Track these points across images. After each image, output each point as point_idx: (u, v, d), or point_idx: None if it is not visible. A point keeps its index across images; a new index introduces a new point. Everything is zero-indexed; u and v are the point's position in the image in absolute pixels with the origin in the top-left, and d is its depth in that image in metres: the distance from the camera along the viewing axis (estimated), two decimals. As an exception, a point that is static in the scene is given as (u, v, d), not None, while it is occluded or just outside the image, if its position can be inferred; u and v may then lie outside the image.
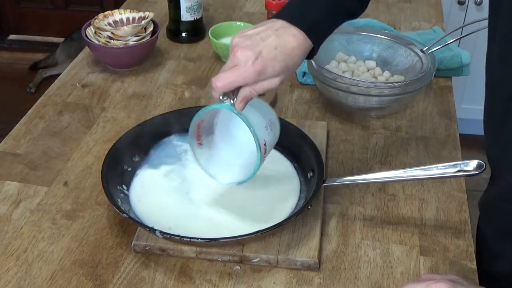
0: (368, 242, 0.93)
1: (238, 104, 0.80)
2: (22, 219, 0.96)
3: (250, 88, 0.80)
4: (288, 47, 0.81)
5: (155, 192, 0.98)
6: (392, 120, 1.18)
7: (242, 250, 0.88)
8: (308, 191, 0.95)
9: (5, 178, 1.03)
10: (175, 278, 0.87)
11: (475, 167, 0.87)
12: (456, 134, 1.15)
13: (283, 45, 0.81)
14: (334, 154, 1.10)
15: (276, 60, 0.80)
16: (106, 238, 0.92)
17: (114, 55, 1.31)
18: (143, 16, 1.34)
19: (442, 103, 1.24)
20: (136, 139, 1.03)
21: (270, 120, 0.88)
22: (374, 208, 0.98)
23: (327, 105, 1.21)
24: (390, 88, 1.12)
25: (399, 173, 0.91)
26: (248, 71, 0.79)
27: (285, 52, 0.81)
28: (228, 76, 0.79)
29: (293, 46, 0.82)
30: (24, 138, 1.13)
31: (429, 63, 1.17)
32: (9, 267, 0.88)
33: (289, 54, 0.81)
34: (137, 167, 1.02)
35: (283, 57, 0.81)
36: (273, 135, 0.88)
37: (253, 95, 0.81)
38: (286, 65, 0.81)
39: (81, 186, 1.02)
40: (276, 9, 1.37)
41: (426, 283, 0.71)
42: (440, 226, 0.96)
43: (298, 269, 0.88)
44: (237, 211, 0.95)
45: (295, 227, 0.92)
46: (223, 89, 0.80)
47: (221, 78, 0.80)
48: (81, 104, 1.23)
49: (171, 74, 1.33)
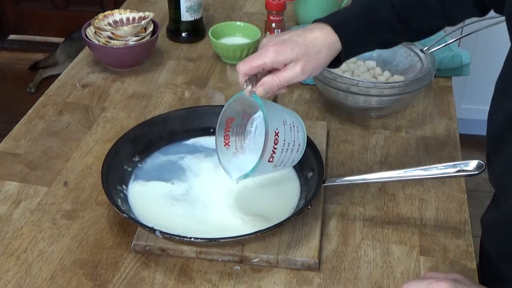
0: (368, 242, 0.93)
1: (257, 87, 0.82)
2: (22, 219, 0.96)
3: (272, 75, 0.81)
4: (311, 35, 0.83)
5: (155, 192, 0.98)
6: (392, 120, 1.18)
7: (242, 250, 0.88)
8: (308, 191, 0.95)
9: (5, 178, 1.03)
10: (175, 278, 0.87)
11: (475, 167, 0.87)
12: (456, 134, 1.15)
13: (307, 34, 0.83)
14: (334, 154, 1.10)
15: (296, 43, 0.82)
16: (106, 238, 0.92)
17: (114, 55, 1.31)
18: (143, 16, 1.34)
19: (442, 103, 1.24)
20: (136, 139, 1.03)
21: (293, 123, 0.87)
22: (374, 208, 0.98)
23: (327, 105, 1.21)
24: (390, 88, 1.12)
25: (399, 173, 0.91)
26: (267, 50, 0.81)
27: (307, 39, 0.82)
28: (249, 58, 0.82)
29: (317, 35, 0.83)
30: (24, 138, 1.13)
31: (429, 63, 1.17)
32: (9, 267, 0.88)
33: (311, 41, 0.82)
34: (137, 167, 1.02)
35: (304, 42, 0.82)
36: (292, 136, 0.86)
37: (275, 83, 0.81)
38: (306, 50, 0.82)
39: (81, 186, 1.02)
40: (276, 9, 1.37)
41: (428, 282, 0.70)
42: (440, 226, 0.96)
43: (298, 269, 0.88)
44: (237, 211, 0.95)
45: (295, 227, 0.92)
46: (244, 71, 0.82)
47: (243, 61, 0.82)
48: (81, 104, 1.23)
49: (171, 74, 1.33)
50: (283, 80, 0.82)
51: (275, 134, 0.82)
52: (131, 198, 0.96)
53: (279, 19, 1.39)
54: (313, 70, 0.83)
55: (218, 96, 1.25)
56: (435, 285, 0.70)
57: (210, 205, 0.95)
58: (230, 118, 0.89)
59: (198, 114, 1.09)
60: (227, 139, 0.89)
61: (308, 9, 1.46)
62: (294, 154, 0.88)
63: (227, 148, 0.89)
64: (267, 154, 0.82)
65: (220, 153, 0.90)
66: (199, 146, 1.07)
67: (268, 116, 0.81)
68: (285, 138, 0.84)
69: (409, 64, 1.20)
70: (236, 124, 0.90)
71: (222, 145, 0.89)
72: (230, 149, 0.90)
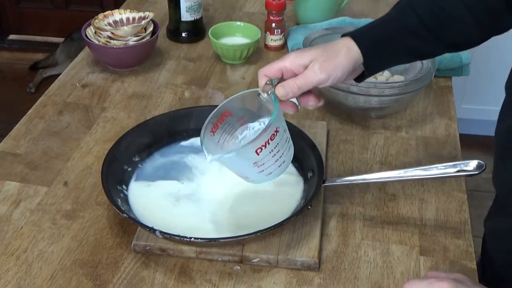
0: (368, 242, 0.93)
1: (277, 87, 0.81)
2: (22, 219, 0.96)
3: (293, 78, 0.81)
4: (333, 42, 0.84)
5: (155, 192, 0.98)
6: (392, 120, 1.18)
7: (242, 250, 0.88)
8: (308, 191, 0.95)
9: (5, 178, 1.03)
10: (175, 278, 0.87)
11: (475, 167, 0.87)
12: (456, 134, 1.15)
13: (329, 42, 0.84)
14: (334, 154, 1.10)
15: (317, 48, 0.83)
16: (106, 238, 0.92)
17: (114, 55, 1.31)
18: (143, 16, 1.34)
19: (442, 103, 1.24)
20: (136, 139, 1.03)
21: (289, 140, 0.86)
22: (374, 208, 0.98)
23: (327, 105, 1.21)
24: (390, 88, 1.12)
25: (399, 173, 0.91)
26: (288, 55, 0.83)
27: (328, 45, 0.84)
28: (270, 63, 0.84)
29: (338, 42, 0.84)
30: (24, 138, 1.13)
31: (429, 63, 1.17)
32: (9, 267, 0.88)
33: (332, 47, 0.83)
34: (137, 167, 1.02)
35: (324, 46, 0.84)
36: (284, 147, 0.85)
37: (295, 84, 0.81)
38: (324, 51, 0.82)
39: (81, 186, 1.02)
40: (276, 9, 1.37)
41: (429, 281, 0.70)
42: (440, 226, 0.96)
43: (298, 269, 0.88)
44: (237, 211, 0.95)
45: (295, 227, 0.92)
46: (264, 72, 0.83)
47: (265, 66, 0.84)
48: (81, 104, 1.23)
49: (171, 74, 1.33)
50: (303, 80, 0.81)
51: (275, 130, 0.81)
52: (131, 198, 0.96)
53: (279, 19, 1.39)
54: (333, 69, 0.81)
55: (218, 96, 1.25)
56: (436, 285, 0.70)
57: (211, 205, 0.95)
58: (228, 112, 0.87)
59: (198, 114, 1.09)
60: (215, 128, 0.87)
61: (308, 9, 1.47)
62: (275, 166, 0.85)
63: (211, 135, 0.87)
64: (259, 144, 0.80)
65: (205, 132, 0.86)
66: (198, 146, 1.07)
67: (276, 114, 0.81)
68: (279, 142, 0.83)
69: (409, 64, 1.20)
70: (229, 121, 0.88)
71: (209, 130, 0.87)
72: (213, 138, 0.88)
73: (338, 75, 0.82)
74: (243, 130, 0.89)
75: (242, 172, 0.88)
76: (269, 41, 1.41)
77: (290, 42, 1.41)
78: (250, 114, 0.89)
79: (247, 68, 1.35)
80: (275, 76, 0.83)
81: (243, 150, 0.82)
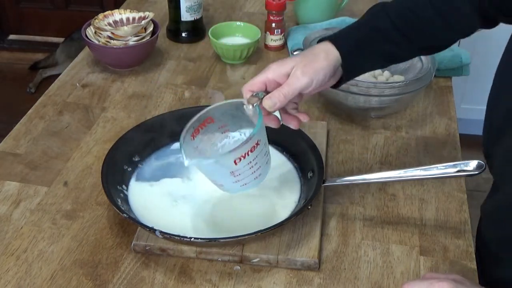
0: (368, 242, 0.93)
1: (265, 99, 0.82)
2: (22, 219, 0.96)
3: (278, 90, 0.82)
4: (312, 47, 0.86)
5: (155, 192, 0.98)
6: (392, 120, 1.18)
7: (242, 250, 0.88)
8: (308, 191, 0.95)
9: (5, 178, 1.03)
10: (175, 278, 0.87)
11: (475, 167, 0.87)
12: (456, 134, 1.15)
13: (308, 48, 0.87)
14: (334, 154, 1.10)
15: (297, 56, 0.84)
16: (106, 238, 0.92)
17: (114, 55, 1.31)
18: (143, 16, 1.34)
19: (442, 103, 1.24)
20: (136, 139, 1.03)
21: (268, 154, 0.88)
22: (374, 208, 0.98)
23: (327, 105, 1.21)
24: (390, 88, 1.12)
25: (399, 173, 0.91)
26: (268, 67, 0.84)
27: (307, 51, 0.85)
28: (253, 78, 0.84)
29: (316, 47, 0.85)
30: (24, 138, 1.13)
31: (429, 63, 1.17)
32: (9, 267, 0.88)
33: (311, 52, 0.85)
34: (137, 167, 1.02)
35: (303, 53, 0.85)
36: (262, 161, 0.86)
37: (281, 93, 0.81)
38: (304, 56, 0.84)
39: (81, 186, 1.02)
40: (276, 9, 1.37)
41: (429, 282, 0.71)
42: (440, 226, 0.96)
43: (298, 269, 0.88)
44: (237, 211, 0.95)
45: (295, 227, 0.92)
46: (248, 88, 0.83)
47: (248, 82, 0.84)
48: (81, 104, 1.23)
49: (171, 74, 1.33)
50: (287, 88, 0.82)
51: (256, 143, 0.82)
52: (131, 198, 0.96)
53: (279, 19, 1.39)
54: (314, 72, 0.82)
55: (218, 96, 1.25)
56: (436, 285, 0.70)
57: (210, 205, 0.95)
58: (210, 118, 0.87)
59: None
60: (196, 133, 0.87)
61: (308, 9, 1.47)
62: (251, 177, 0.86)
63: (191, 139, 0.87)
64: (239, 154, 0.81)
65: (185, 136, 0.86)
66: (199, 146, 1.07)
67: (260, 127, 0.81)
68: (258, 155, 0.83)
69: (409, 64, 1.20)
70: (210, 128, 0.88)
71: (190, 134, 0.87)
72: (193, 142, 0.87)
73: (320, 78, 0.83)
74: (223, 138, 0.91)
75: (217, 180, 0.88)
76: (269, 41, 1.41)
77: (290, 42, 1.41)
78: (232, 123, 0.89)
79: (247, 68, 1.35)
80: (259, 89, 0.84)
81: (222, 158, 0.83)
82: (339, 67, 0.85)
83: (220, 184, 0.89)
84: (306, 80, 0.82)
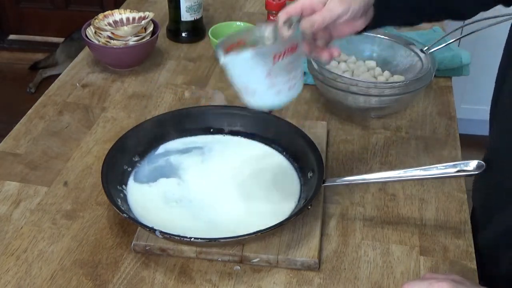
0: (368, 242, 0.92)
1: (303, 20, 0.82)
2: (22, 219, 0.96)
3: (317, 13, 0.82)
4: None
5: (155, 192, 0.98)
6: (392, 120, 1.18)
7: (242, 250, 0.88)
8: (308, 191, 0.95)
9: (5, 178, 1.03)
10: (175, 278, 0.87)
11: (475, 167, 0.87)
12: (456, 134, 1.15)
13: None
14: (334, 154, 1.10)
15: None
16: (106, 238, 0.92)
17: (114, 55, 1.31)
18: (143, 16, 1.34)
19: (442, 103, 1.24)
20: (136, 139, 1.03)
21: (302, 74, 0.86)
22: (374, 208, 0.98)
23: (327, 105, 1.21)
24: (390, 88, 1.12)
25: (399, 173, 0.91)
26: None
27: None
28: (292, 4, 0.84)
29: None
30: (24, 138, 1.13)
31: (429, 63, 1.17)
32: (9, 267, 0.88)
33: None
34: (137, 167, 1.02)
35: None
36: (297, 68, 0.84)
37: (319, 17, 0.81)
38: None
39: (81, 186, 1.02)
40: (276, 9, 1.37)
41: (429, 282, 0.71)
42: (440, 226, 0.96)
43: (298, 269, 0.88)
44: (237, 211, 0.95)
45: (295, 227, 0.92)
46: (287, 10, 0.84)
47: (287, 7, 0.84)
48: (81, 104, 1.23)
49: (171, 74, 1.33)
50: (326, 12, 0.82)
51: (296, 45, 0.81)
52: (131, 198, 0.96)
53: (279, 19, 1.38)
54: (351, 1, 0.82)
55: (218, 96, 1.25)
56: (436, 286, 0.70)
57: (210, 205, 0.95)
58: (242, 41, 0.85)
59: (198, 114, 1.09)
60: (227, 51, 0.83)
61: (308, 9, 1.46)
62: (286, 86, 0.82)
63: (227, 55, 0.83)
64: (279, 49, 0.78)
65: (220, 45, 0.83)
66: (198, 145, 1.07)
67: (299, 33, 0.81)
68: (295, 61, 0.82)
69: (409, 64, 1.20)
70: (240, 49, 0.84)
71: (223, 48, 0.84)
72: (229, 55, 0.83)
73: (356, 7, 0.83)
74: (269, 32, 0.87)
75: (251, 83, 0.83)
76: (269, 41, 1.41)
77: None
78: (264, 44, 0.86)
79: (247, 68, 1.35)
80: (296, 14, 0.84)
81: (261, 51, 0.79)
82: (371, 8, 0.85)
83: (252, 91, 0.83)
84: (344, 6, 0.82)
